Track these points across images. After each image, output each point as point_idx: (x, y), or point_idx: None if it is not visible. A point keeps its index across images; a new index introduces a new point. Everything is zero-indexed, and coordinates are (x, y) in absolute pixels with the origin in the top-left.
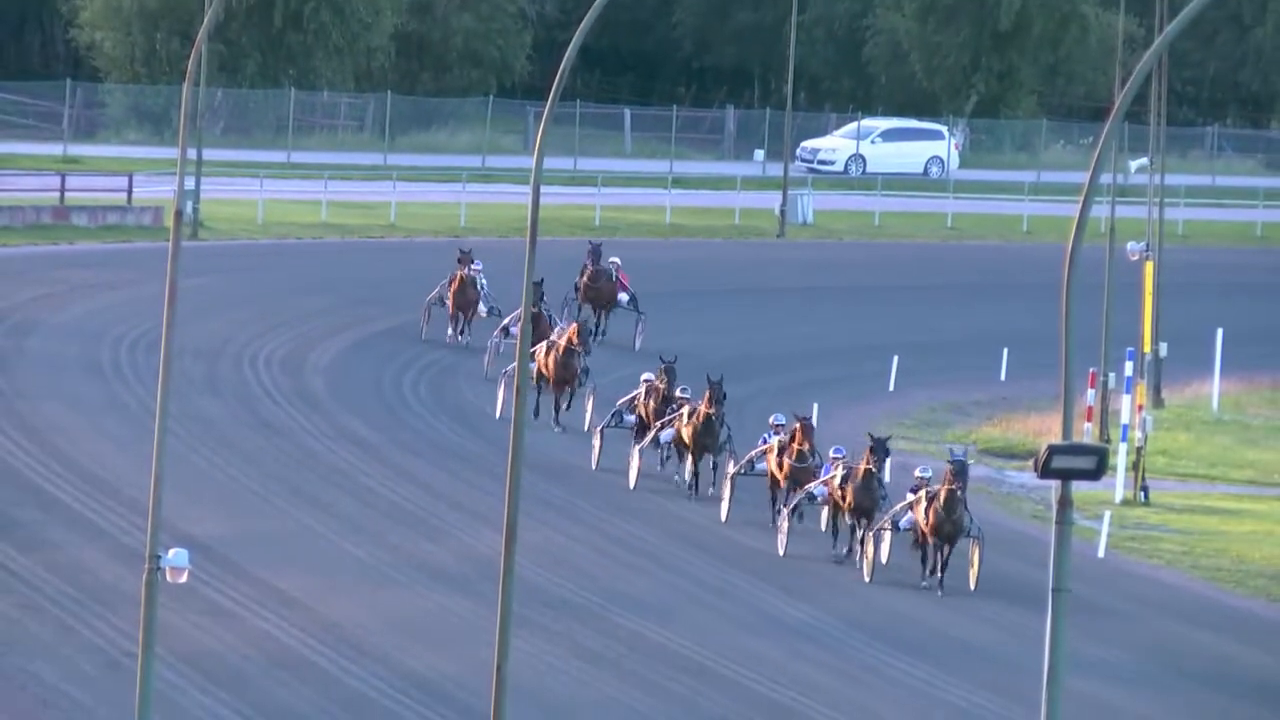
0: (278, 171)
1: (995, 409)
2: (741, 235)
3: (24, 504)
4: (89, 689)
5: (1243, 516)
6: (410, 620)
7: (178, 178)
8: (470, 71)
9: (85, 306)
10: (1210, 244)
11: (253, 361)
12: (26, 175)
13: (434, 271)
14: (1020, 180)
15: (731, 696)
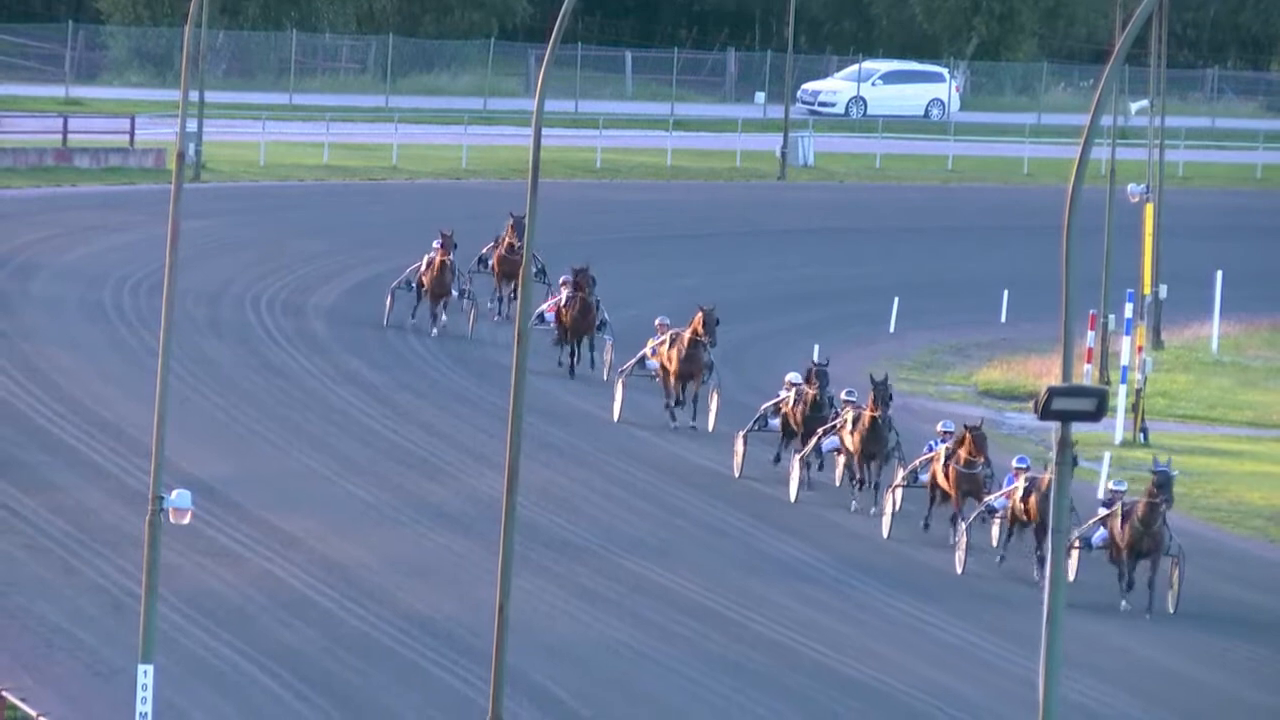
0: (280, 114)
1: (995, 351)
2: (743, 177)
3: (27, 445)
4: (92, 629)
5: (1242, 458)
6: (412, 560)
7: (180, 120)
8: (471, 14)
9: (88, 249)
10: (1210, 186)
11: (255, 303)
12: (29, 117)
13: (435, 214)
14: (1021, 123)
15: (732, 634)
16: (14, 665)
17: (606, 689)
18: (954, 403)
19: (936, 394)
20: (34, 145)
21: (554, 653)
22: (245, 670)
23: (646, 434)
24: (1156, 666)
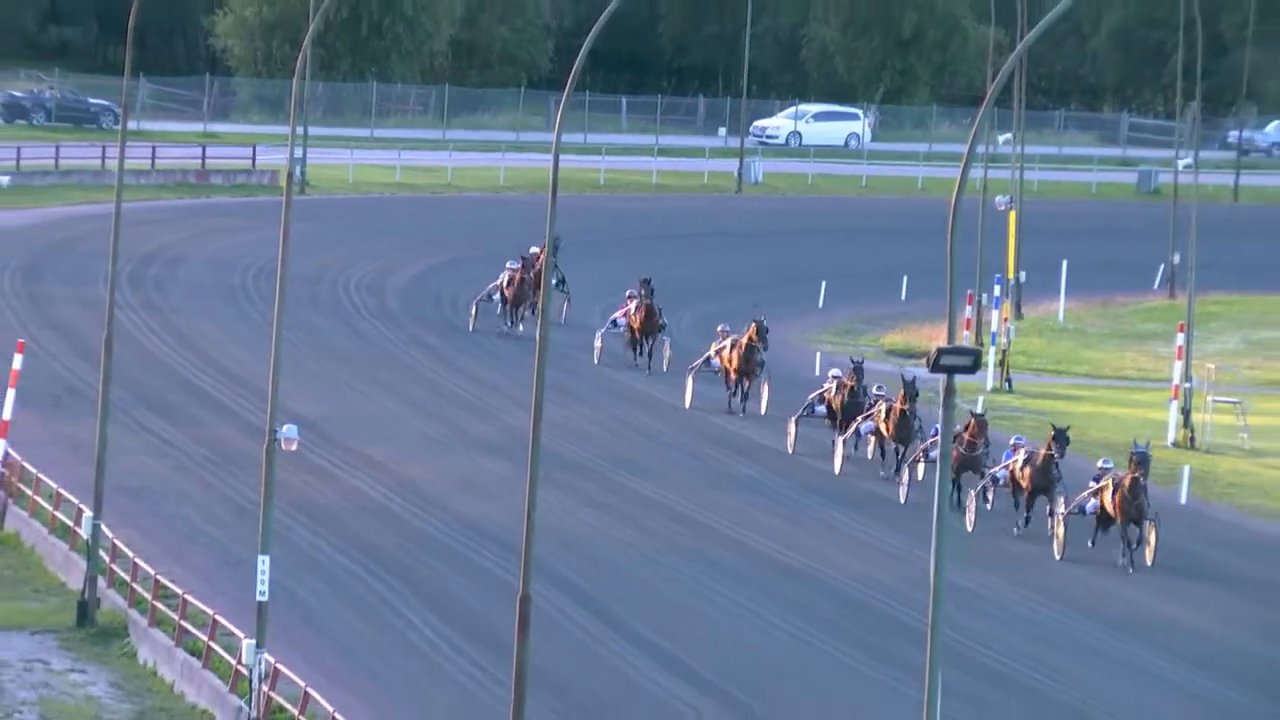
0: (363, 144)
1: (898, 321)
2: (709, 191)
3: (177, 391)
4: (223, 529)
5: (1082, 401)
6: (464, 478)
7: (289, 148)
8: (506, 69)
9: (220, 245)
10: (1058, 198)
11: (345, 286)
12: (176, 146)
13: (480, 218)
14: (916, 151)
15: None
16: (165, 555)
17: (606, 574)
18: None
19: (854, 352)
20: (180, 167)
21: (569, 546)
22: (338, 560)
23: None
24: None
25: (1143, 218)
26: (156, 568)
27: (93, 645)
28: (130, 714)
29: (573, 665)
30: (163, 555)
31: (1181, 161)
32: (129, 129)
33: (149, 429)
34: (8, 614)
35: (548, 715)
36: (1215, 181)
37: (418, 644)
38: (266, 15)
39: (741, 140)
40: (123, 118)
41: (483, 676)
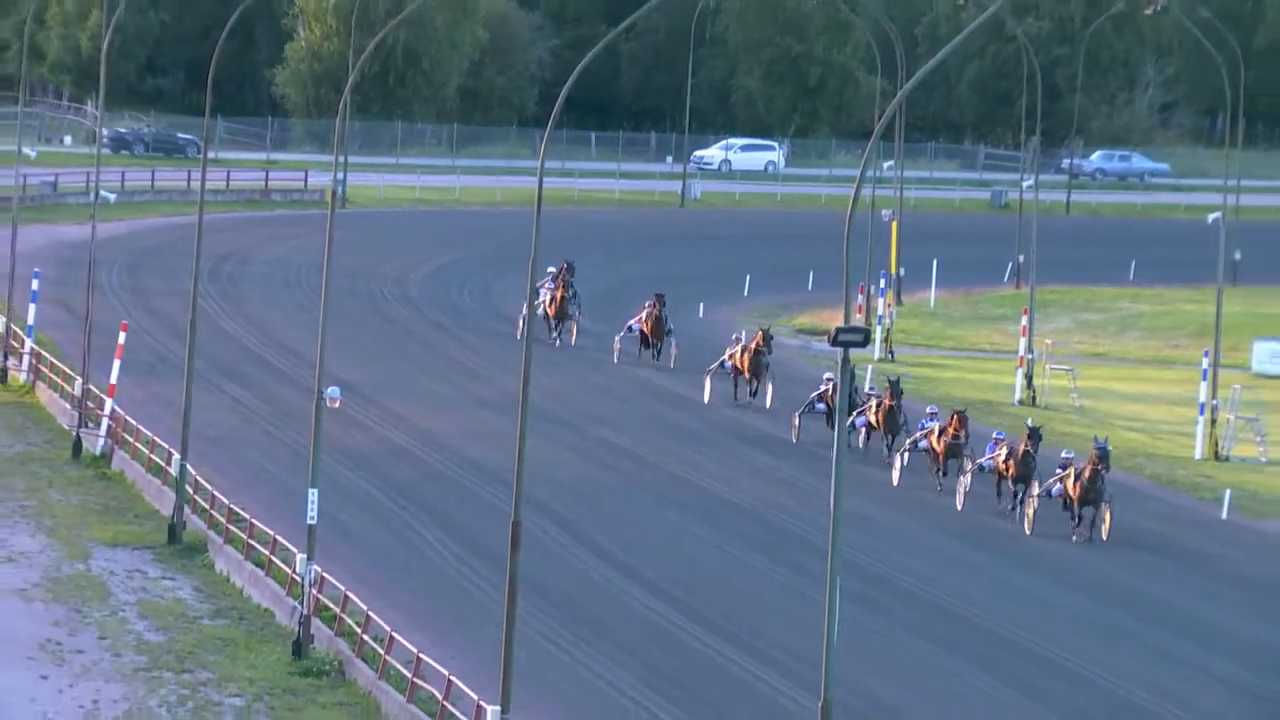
0: (390, 169)
1: (806, 307)
2: (659, 206)
3: (246, 362)
4: (281, 467)
5: (948, 369)
6: (470, 428)
7: (333, 173)
8: (502, 110)
9: (280, 248)
10: (929, 211)
11: (376, 279)
12: (245, 170)
13: (482, 226)
14: (820, 174)
15: (659, 474)
16: (234, 488)
17: (584, 506)
18: (782, 337)
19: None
20: (248, 187)
21: (554, 483)
22: (371, 493)
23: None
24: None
25: (995, 226)
26: (230, 499)
27: (179, 559)
28: (209, 611)
29: (552, 573)
30: (234, 489)
31: (1025, 183)
32: (209, 157)
33: (224, 390)
34: (114, 534)
35: (532, 611)
36: (1051, 198)
37: (432, 557)
38: (316, 69)
39: (684, 166)
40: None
41: (482, 582)
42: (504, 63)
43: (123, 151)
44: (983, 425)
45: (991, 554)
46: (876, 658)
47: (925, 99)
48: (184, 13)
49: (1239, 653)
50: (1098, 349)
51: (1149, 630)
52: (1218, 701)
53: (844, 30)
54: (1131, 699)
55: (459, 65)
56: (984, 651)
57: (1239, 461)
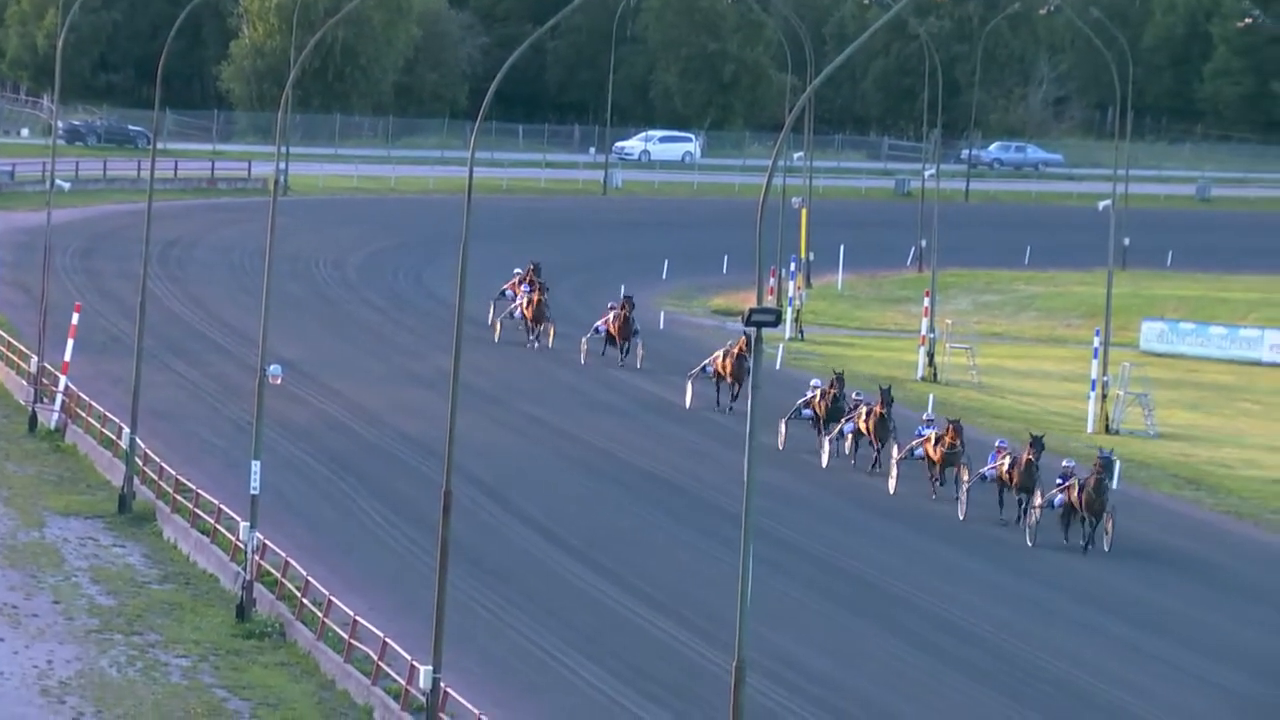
0: (329, 159)
1: (721, 289)
2: (582, 194)
3: (193, 341)
4: (226, 441)
5: (855, 347)
6: (404, 403)
7: (275, 162)
8: (435, 104)
9: (225, 234)
10: (837, 199)
11: (316, 263)
12: (192, 161)
13: (416, 215)
14: (734, 164)
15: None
16: (181, 460)
17: (511, 474)
18: (698, 317)
19: (688, 312)
20: (195, 176)
21: (480, 452)
22: (311, 465)
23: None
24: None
25: (898, 213)
26: (177, 470)
27: (129, 527)
28: (157, 577)
29: (482, 540)
30: (181, 461)
31: (927, 172)
32: (158, 148)
33: (172, 368)
34: (68, 504)
35: (463, 577)
36: (951, 187)
37: (368, 525)
38: (259, 65)
39: (606, 157)
40: (153, 140)
41: (416, 548)
42: (436, 59)
43: (77, 143)
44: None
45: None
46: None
47: (833, 94)
48: (135, 12)
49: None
50: (995, 328)
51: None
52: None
53: (756, 29)
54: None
55: (394, 62)
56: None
57: (1128, 434)
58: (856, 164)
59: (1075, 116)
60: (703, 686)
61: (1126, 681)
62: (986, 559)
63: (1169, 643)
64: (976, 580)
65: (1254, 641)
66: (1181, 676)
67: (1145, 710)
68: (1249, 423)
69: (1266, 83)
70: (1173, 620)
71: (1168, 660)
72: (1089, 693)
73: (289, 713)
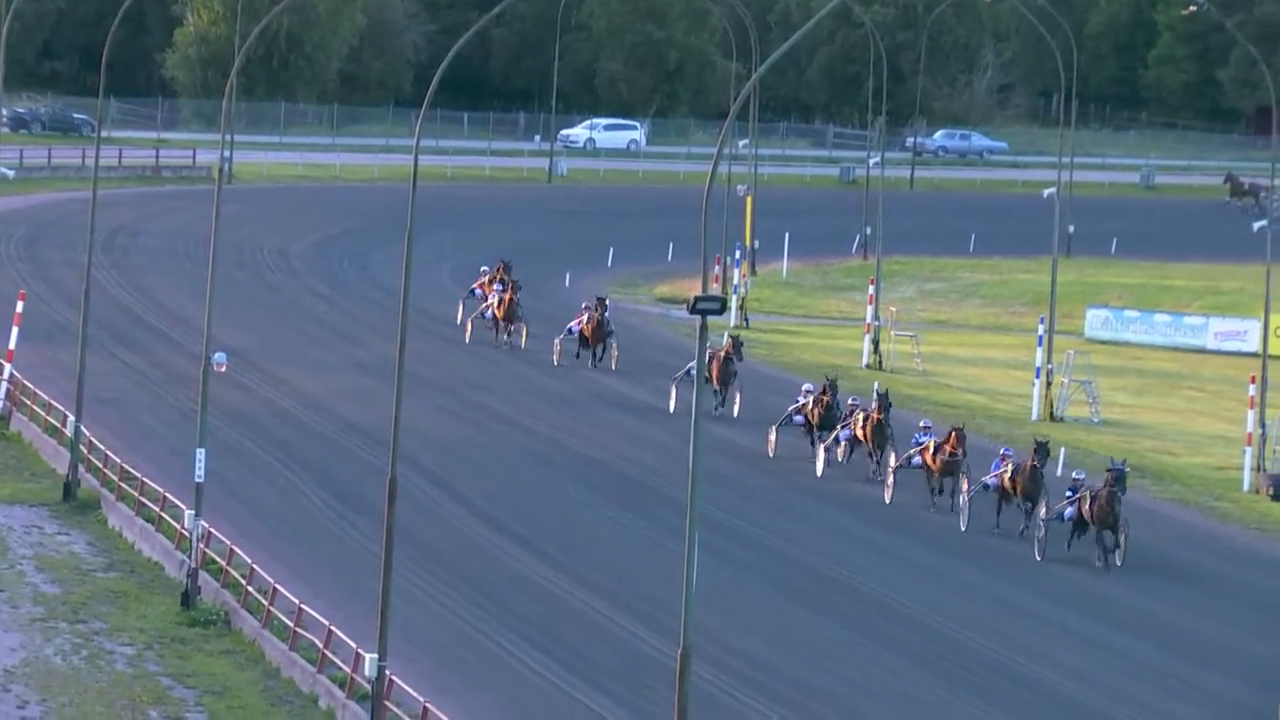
0: (274, 147)
1: (666, 276)
2: (527, 182)
3: (138, 329)
4: (172, 428)
5: (799, 335)
6: (349, 390)
7: (220, 150)
8: (380, 92)
9: (170, 220)
10: (782, 186)
11: (260, 250)
12: (137, 148)
13: (361, 203)
14: (679, 152)
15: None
16: (126, 448)
17: (457, 461)
18: (643, 304)
19: (633, 299)
20: (139, 164)
21: (426, 440)
22: (256, 452)
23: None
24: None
25: (843, 201)
26: (122, 458)
27: (74, 515)
28: (102, 565)
29: (428, 528)
30: (126, 449)
31: (871, 159)
32: (102, 136)
33: (116, 356)
34: (13, 492)
35: (409, 565)
36: (896, 174)
37: (313, 513)
38: (204, 53)
39: (551, 144)
40: (98, 128)
41: (361, 536)
42: (381, 47)
43: (21, 130)
44: (845, 392)
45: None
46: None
47: (778, 81)
48: (79, 0)
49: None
50: (940, 316)
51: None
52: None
53: (701, 17)
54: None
55: (339, 49)
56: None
57: (1073, 422)
58: (801, 152)
59: (1020, 104)
60: (650, 674)
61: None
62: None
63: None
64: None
65: (1210, 630)
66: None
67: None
68: (1193, 410)
69: (1210, 70)
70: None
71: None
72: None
73: (234, 701)
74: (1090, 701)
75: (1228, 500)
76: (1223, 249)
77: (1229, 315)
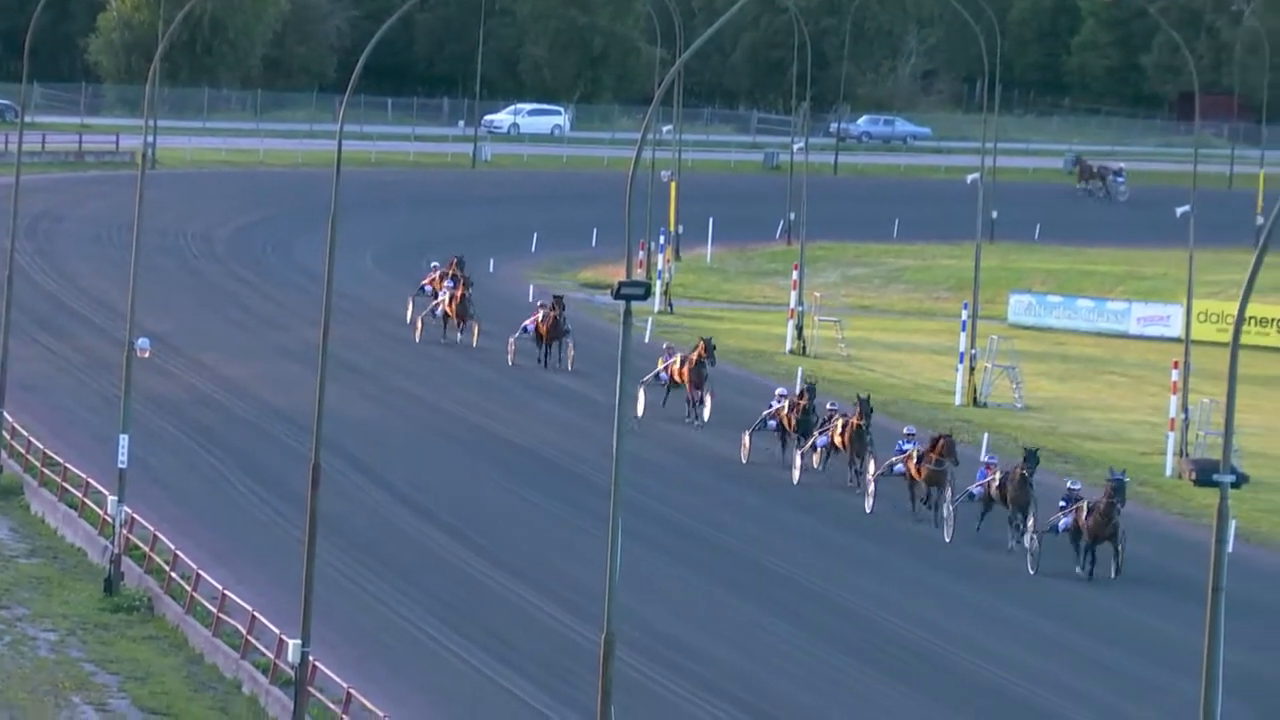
0: (198, 132)
1: (590, 262)
2: (451, 167)
3: (61, 314)
4: (95, 414)
5: (724, 320)
6: (273, 376)
7: (144, 136)
8: (304, 77)
9: (93, 206)
10: (706, 172)
11: (184, 236)
12: (60, 134)
13: (285, 188)
14: (603, 137)
15: (435, 412)
16: (49, 434)
17: (381, 448)
18: (568, 290)
19: (557, 284)
20: (63, 149)
21: (350, 426)
22: (179, 438)
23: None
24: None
25: (767, 186)
26: (45, 444)
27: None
28: (25, 551)
29: (351, 514)
30: (49, 434)
31: (795, 145)
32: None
33: (39, 341)
34: None
35: (332, 550)
36: (820, 160)
37: (236, 498)
38: (127, 38)
39: (475, 130)
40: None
41: (284, 521)
42: (305, 32)
43: None
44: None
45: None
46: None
47: (702, 67)
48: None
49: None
50: (864, 302)
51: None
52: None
53: (626, 3)
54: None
55: (263, 35)
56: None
57: (996, 407)
58: (725, 137)
59: (944, 90)
60: (575, 659)
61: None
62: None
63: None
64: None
65: (1144, 622)
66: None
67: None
68: (1116, 395)
69: (1134, 55)
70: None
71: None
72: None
73: (157, 686)
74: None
75: (1151, 485)
76: (1146, 234)
77: (1151, 300)
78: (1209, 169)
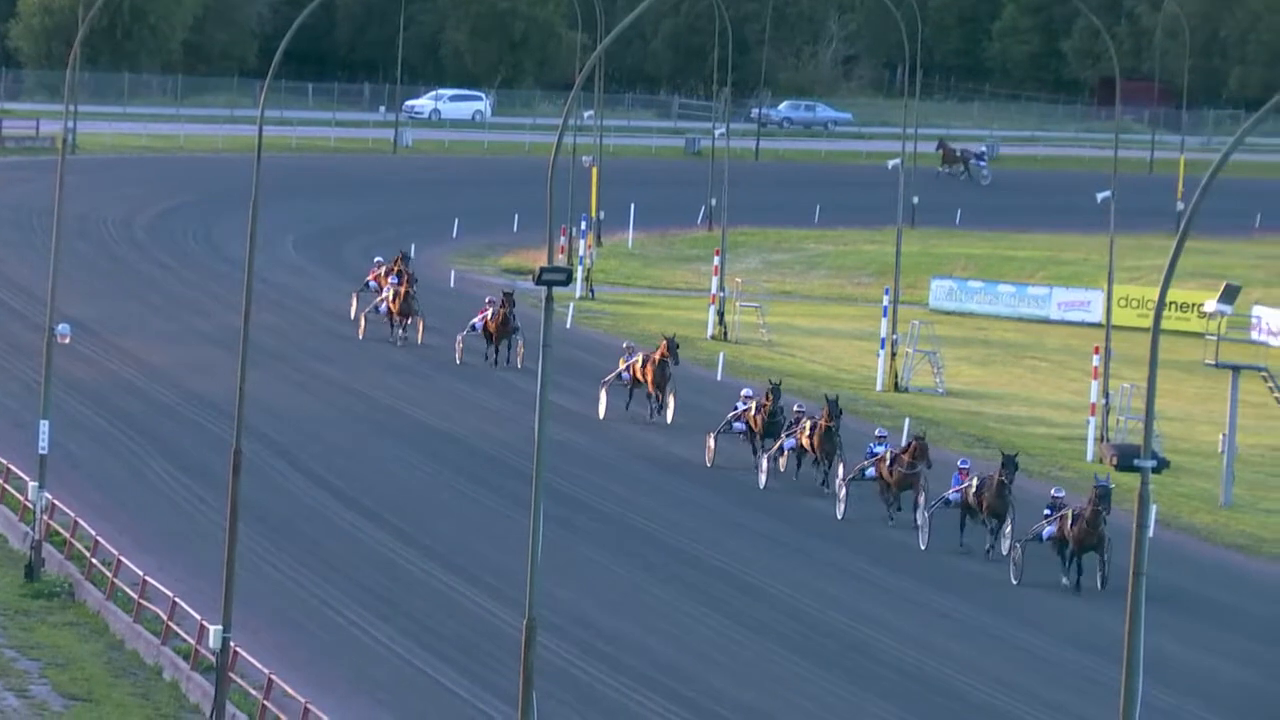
0: (118, 118)
1: (511, 247)
2: (373, 152)
3: None
4: (15, 400)
5: (645, 306)
6: (194, 362)
7: (64, 121)
8: (225, 63)
9: (14, 191)
10: (627, 157)
11: (104, 222)
12: None
13: (205, 174)
14: (524, 123)
15: (356, 398)
16: None
17: (301, 433)
18: (489, 275)
19: (479, 270)
20: None
21: (271, 411)
22: (100, 424)
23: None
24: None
25: (689, 172)
26: None
27: None
28: None
29: (272, 500)
30: None
31: (717, 130)
32: None
33: None
34: None
35: (254, 536)
36: (742, 145)
37: (157, 485)
38: (47, 23)
39: (396, 115)
40: None
41: (205, 508)
42: (226, 18)
43: None
44: (684, 358)
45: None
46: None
47: (623, 53)
48: None
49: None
50: (785, 287)
51: None
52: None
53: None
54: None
55: (183, 20)
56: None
57: (917, 392)
58: (647, 123)
59: (865, 75)
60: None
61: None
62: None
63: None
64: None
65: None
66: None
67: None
68: (1037, 380)
69: (1054, 41)
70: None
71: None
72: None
73: (78, 673)
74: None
75: (1072, 470)
76: (1066, 220)
77: (1072, 286)
78: (1129, 154)
